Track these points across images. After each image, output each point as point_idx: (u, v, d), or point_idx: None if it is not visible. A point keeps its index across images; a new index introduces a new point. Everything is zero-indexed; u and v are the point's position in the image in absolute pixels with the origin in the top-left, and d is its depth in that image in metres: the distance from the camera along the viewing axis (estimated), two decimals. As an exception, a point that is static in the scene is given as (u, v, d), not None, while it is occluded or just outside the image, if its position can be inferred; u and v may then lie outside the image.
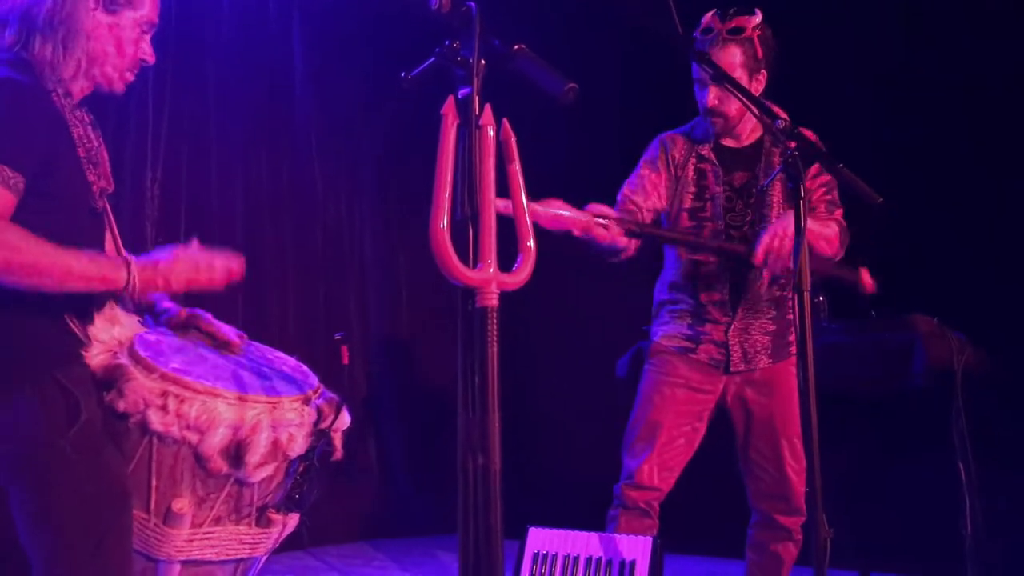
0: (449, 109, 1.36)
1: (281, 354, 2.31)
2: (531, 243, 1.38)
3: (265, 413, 1.98)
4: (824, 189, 2.84)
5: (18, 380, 1.83)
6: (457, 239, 1.30)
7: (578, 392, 5.42)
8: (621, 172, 3.01)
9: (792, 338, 2.81)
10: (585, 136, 5.42)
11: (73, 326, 1.89)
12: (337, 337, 2.11)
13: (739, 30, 2.74)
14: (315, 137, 5.68)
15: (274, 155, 5.47)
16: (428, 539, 5.71)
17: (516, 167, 1.39)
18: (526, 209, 1.38)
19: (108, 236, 2.03)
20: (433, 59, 1.42)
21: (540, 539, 2.62)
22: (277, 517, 2.09)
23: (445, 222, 1.28)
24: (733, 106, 2.77)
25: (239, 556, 2.10)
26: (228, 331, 2.20)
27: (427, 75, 1.43)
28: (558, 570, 2.56)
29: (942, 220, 4.27)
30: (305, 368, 2.28)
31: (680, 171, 2.89)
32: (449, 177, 1.29)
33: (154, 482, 1.94)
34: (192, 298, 2.32)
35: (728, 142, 2.88)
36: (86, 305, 1.92)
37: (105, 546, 1.83)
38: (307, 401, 2.09)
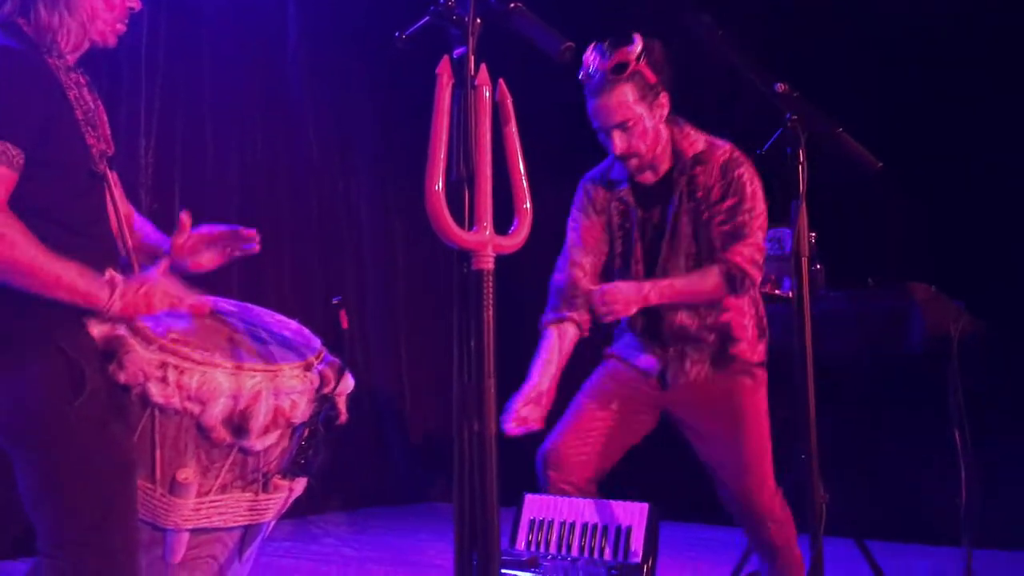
0: (444, 69, 1.34)
1: (283, 318, 2.29)
2: (527, 206, 1.36)
3: (266, 381, 1.97)
4: (723, 216, 2.63)
5: (24, 350, 1.81)
6: (453, 202, 1.29)
7: (574, 360, 5.40)
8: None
9: (736, 350, 2.69)
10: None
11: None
12: (335, 301, 2.07)
13: (622, 67, 2.55)
14: (310, 103, 5.64)
15: (269, 122, 5.43)
16: (423, 506, 5.74)
17: (512, 128, 1.37)
18: (523, 171, 1.36)
19: (109, 201, 2.01)
20: (428, 18, 1.39)
21: (536, 506, 2.61)
22: (283, 483, 2.09)
23: (440, 184, 1.26)
24: (643, 142, 2.63)
25: (247, 522, 2.10)
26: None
27: (422, 34, 1.40)
28: (554, 536, 2.56)
29: (940, 187, 4.25)
30: (307, 332, 2.26)
31: (605, 216, 2.80)
32: (444, 138, 1.27)
33: (158, 453, 1.93)
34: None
35: (646, 177, 2.73)
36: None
37: (112, 514, 1.83)
38: (309, 367, 2.08)
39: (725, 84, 4.36)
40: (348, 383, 2.14)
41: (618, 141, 2.63)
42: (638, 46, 2.57)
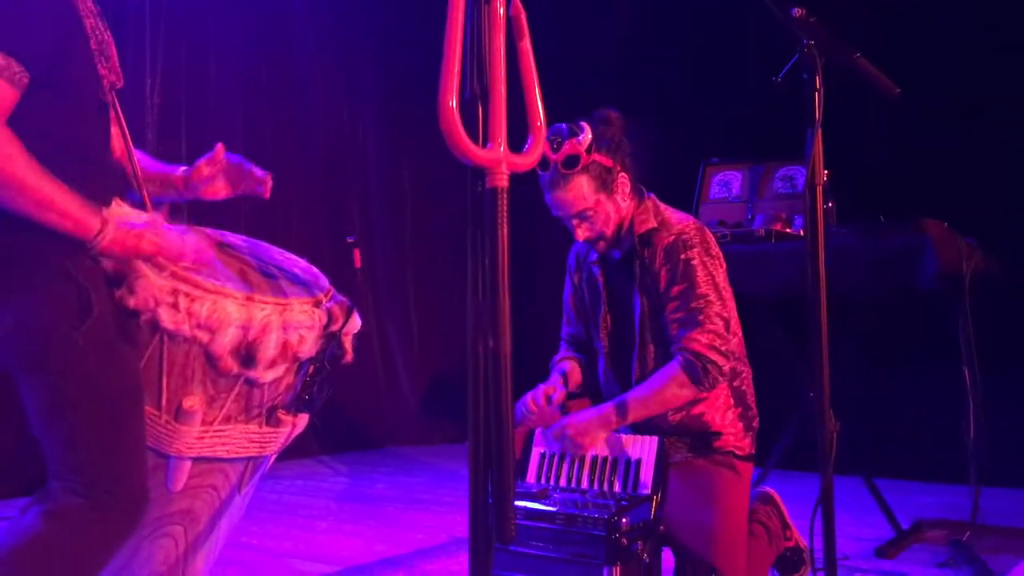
0: (457, -15, 1.31)
1: (291, 255, 2.29)
2: (541, 123, 1.34)
3: (275, 314, 1.96)
4: (675, 303, 2.48)
5: (30, 273, 1.81)
6: (466, 120, 1.27)
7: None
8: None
9: (719, 443, 2.54)
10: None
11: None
12: (349, 240, 2.08)
13: (574, 161, 2.42)
14: (315, 41, 5.58)
15: (274, 61, 5.38)
16: (433, 447, 5.79)
17: (526, 44, 1.34)
18: (537, 88, 1.34)
19: (116, 132, 1.99)
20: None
21: (546, 439, 2.63)
22: (287, 418, 2.09)
23: (454, 100, 1.24)
24: (607, 227, 2.53)
25: (249, 454, 2.11)
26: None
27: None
28: (564, 470, 2.57)
29: (955, 124, 4.20)
30: (316, 270, 2.26)
31: (580, 288, 2.73)
32: (458, 54, 1.25)
33: (165, 380, 1.93)
34: (195, 206, 2.30)
35: (613, 254, 2.62)
36: (96, 202, 1.89)
37: (120, 437, 1.84)
38: (318, 304, 2.08)
39: (740, 9, 4.29)
40: (355, 322, 2.14)
41: (580, 231, 2.54)
42: (587, 136, 2.43)
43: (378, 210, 5.93)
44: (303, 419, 2.16)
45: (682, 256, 2.50)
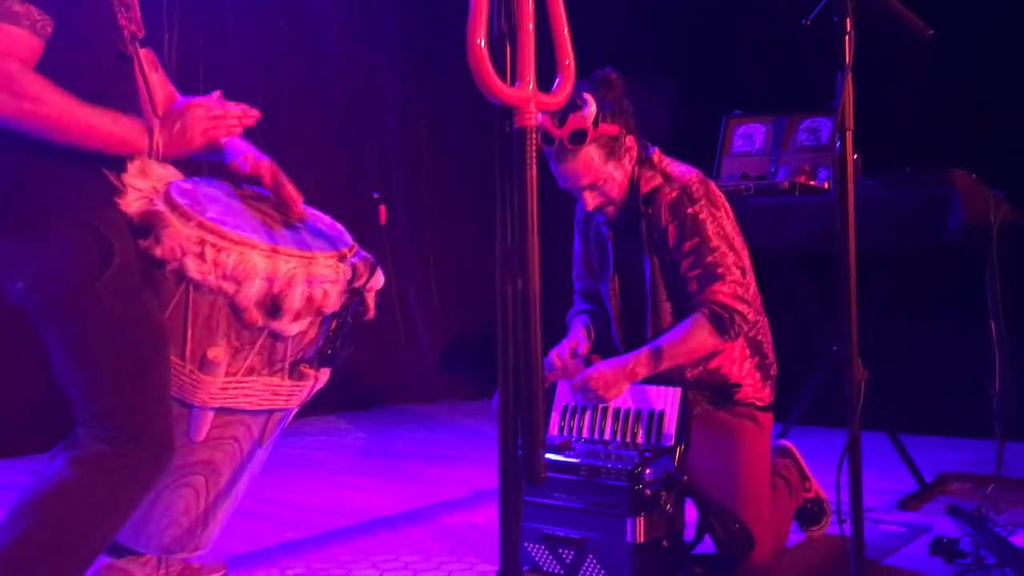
0: (482, -78, 1.28)
1: (315, 211, 2.29)
2: (569, 62, 1.32)
3: (301, 267, 1.97)
4: (690, 260, 2.47)
5: (51, 223, 1.81)
6: (494, 60, 1.24)
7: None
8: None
9: (740, 395, 2.53)
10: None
11: (107, 171, 1.86)
12: (375, 196, 2.08)
13: (580, 136, 2.38)
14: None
15: (291, 12, 5.34)
16: (453, 405, 5.81)
17: (555, -20, 1.32)
18: (565, 26, 1.31)
19: (140, 84, 1.98)
20: None
21: (569, 392, 2.63)
22: (310, 371, 2.11)
23: (483, 38, 1.22)
24: (616, 193, 2.51)
25: (271, 407, 2.13)
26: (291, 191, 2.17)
27: None
28: (587, 422, 2.58)
29: (984, 72, 4.13)
30: (340, 226, 2.26)
31: (589, 244, 2.72)
32: (485, -9, 1.22)
33: (190, 330, 1.95)
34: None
35: (620, 215, 2.60)
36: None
37: (145, 385, 1.86)
38: (342, 258, 2.08)
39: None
40: (379, 279, 2.15)
41: (589, 200, 2.51)
42: (592, 108, 2.37)
43: (397, 167, 5.91)
44: (325, 374, 2.17)
45: (688, 211, 2.48)
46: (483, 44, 1.22)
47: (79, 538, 1.83)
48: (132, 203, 1.87)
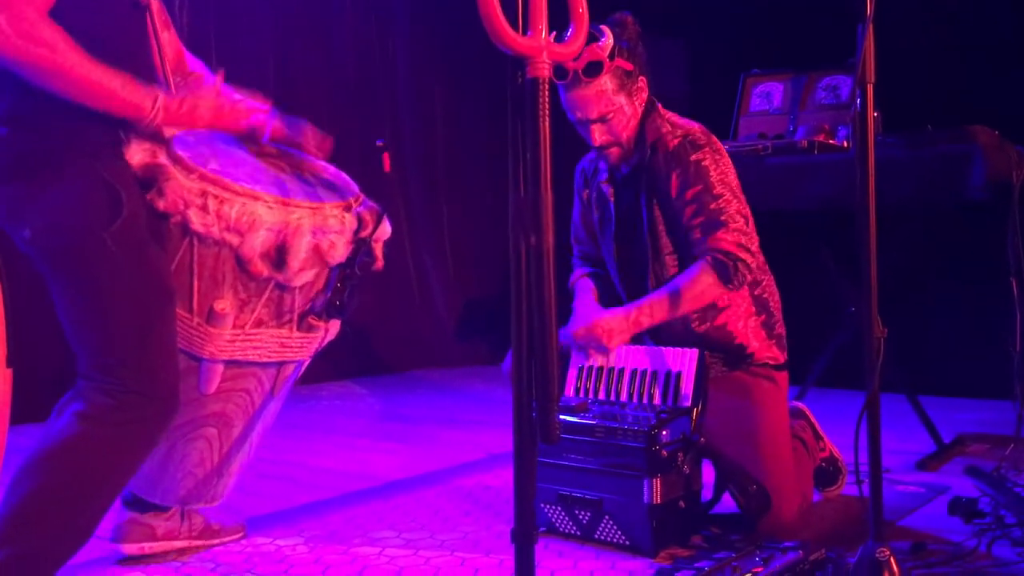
0: None
1: (322, 162, 2.27)
2: (583, 10, 1.29)
3: (306, 218, 1.95)
4: (693, 208, 2.44)
5: (60, 171, 1.81)
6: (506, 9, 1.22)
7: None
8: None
9: (749, 353, 2.53)
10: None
11: (114, 123, 1.85)
12: (379, 144, 2.04)
13: (596, 67, 2.35)
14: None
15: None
16: (468, 369, 5.82)
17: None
18: (577, -27, 1.28)
19: (151, 35, 1.96)
20: None
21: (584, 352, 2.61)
22: (318, 323, 2.10)
23: (493, -14, 1.19)
24: (624, 132, 2.47)
25: (281, 359, 2.13)
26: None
27: None
28: (603, 383, 2.56)
29: (1005, 27, 4.04)
30: (346, 176, 2.24)
31: (589, 206, 2.69)
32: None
33: (196, 283, 1.94)
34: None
35: (622, 168, 2.58)
36: None
37: (151, 337, 1.85)
38: (348, 208, 2.06)
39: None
40: (386, 229, 2.13)
41: (597, 134, 2.48)
42: (609, 40, 2.36)
43: (410, 131, 5.88)
44: (335, 325, 2.16)
45: (692, 158, 2.46)
46: (494, -8, 1.19)
47: (89, 491, 1.84)
48: (135, 155, 1.85)
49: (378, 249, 2.12)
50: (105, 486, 1.89)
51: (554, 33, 1.27)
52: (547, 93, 1.21)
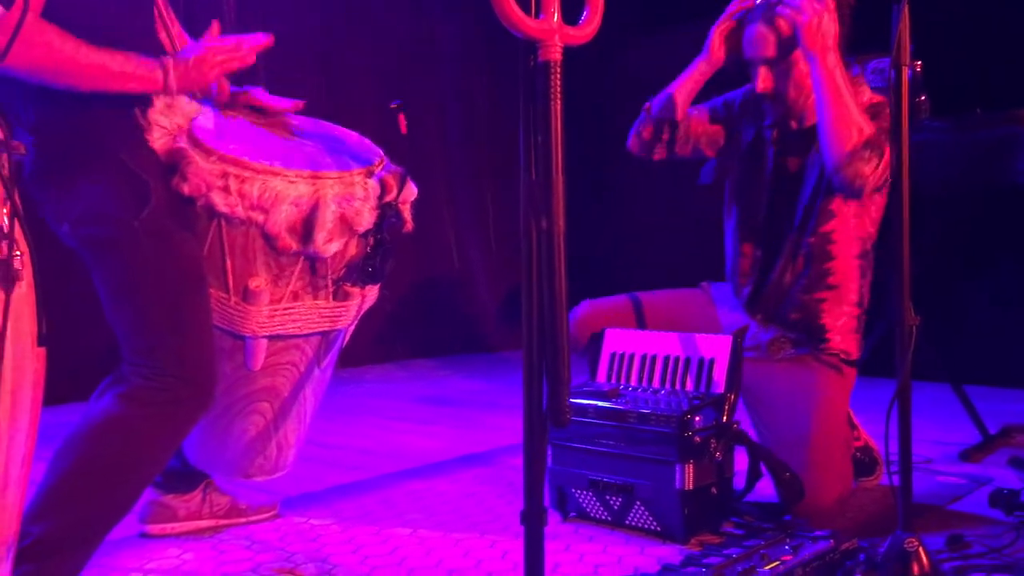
0: None
1: (343, 129, 2.29)
2: (598, -8, 1.28)
3: (328, 188, 1.97)
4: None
5: (90, 165, 1.85)
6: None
7: (661, 199, 5.34)
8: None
9: (824, 340, 2.52)
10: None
11: (138, 112, 1.88)
12: (393, 106, 2.04)
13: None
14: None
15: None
16: (511, 353, 5.83)
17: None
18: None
19: (160, 25, 1.98)
20: None
21: (617, 339, 2.61)
22: (354, 290, 2.12)
23: (504, -32, 1.19)
24: (791, 87, 2.46)
25: (321, 329, 2.15)
26: (279, 101, 2.17)
27: None
28: (635, 370, 2.55)
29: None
30: (368, 142, 2.25)
31: (738, 142, 2.64)
32: (508, -82, 1.19)
33: (229, 263, 1.98)
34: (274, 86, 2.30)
35: (790, 124, 2.56)
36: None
37: (182, 322, 1.89)
38: (370, 174, 2.07)
39: None
40: (411, 190, 2.13)
41: (760, 77, 2.47)
42: None
43: (453, 115, 5.88)
44: (372, 291, 2.18)
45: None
46: (505, -25, 1.19)
47: (126, 469, 1.89)
48: (157, 141, 1.89)
49: (406, 211, 2.12)
50: (141, 465, 1.93)
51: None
52: (559, 76, 1.20)
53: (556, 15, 1.21)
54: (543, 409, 1.21)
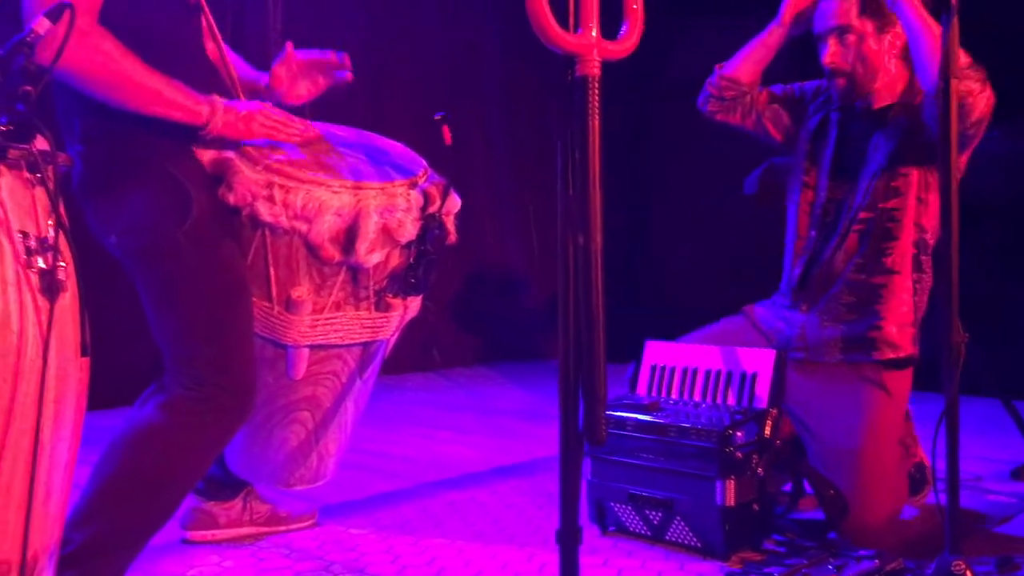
0: None
1: (387, 139, 2.30)
2: (636, 6, 1.27)
3: (371, 199, 1.97)
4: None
5: (135, 176, 1.87)
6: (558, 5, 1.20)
7: (703, 211, 5.28)
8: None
9: (878, 331, 2.44)
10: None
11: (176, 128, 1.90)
12: (437, 117, 2.04)
13: None
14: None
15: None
16: (553, 363, 5.81)
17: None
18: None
19: (207, 34, 2.01)
20: None
21: (658, 352, 2.58)
22: (396, 301, 2.12)
23: (542, -18, 1.18)
24: (858, 63, 2.44)
25: (363, 340, 2.16)
26: (324, 54, 2.21)
27: None
28: (676, 383, 2.53)
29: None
30: (413, 153, 2.25)
31: (804, 124, 2.63)
32: (547, -68, 1.18)
33: (272, 272, 1.99)
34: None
35: (858, 104, 2.53)
36: None
37: (224, 331, 1.91)
38: (413, 185, 2.07)
39: None
40: (455, 202, 2.13)
41: (829, 50, 2.46)
42: None
43: (497, 125, 5.89)
44: (415, 302, 2.18)
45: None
46: (543, -11, 1.18)
47: (166, 477, 1.91)
48: (204, 152, 1.90)
49: (449, 223, 2.12)
50: (181, 473, 1.95)
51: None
52: (597, 91, 1.19)
53: (595, 29, 1.20)
54: (579, 427, 1.20)
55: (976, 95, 2.26)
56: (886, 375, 2.45)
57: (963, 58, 2.21)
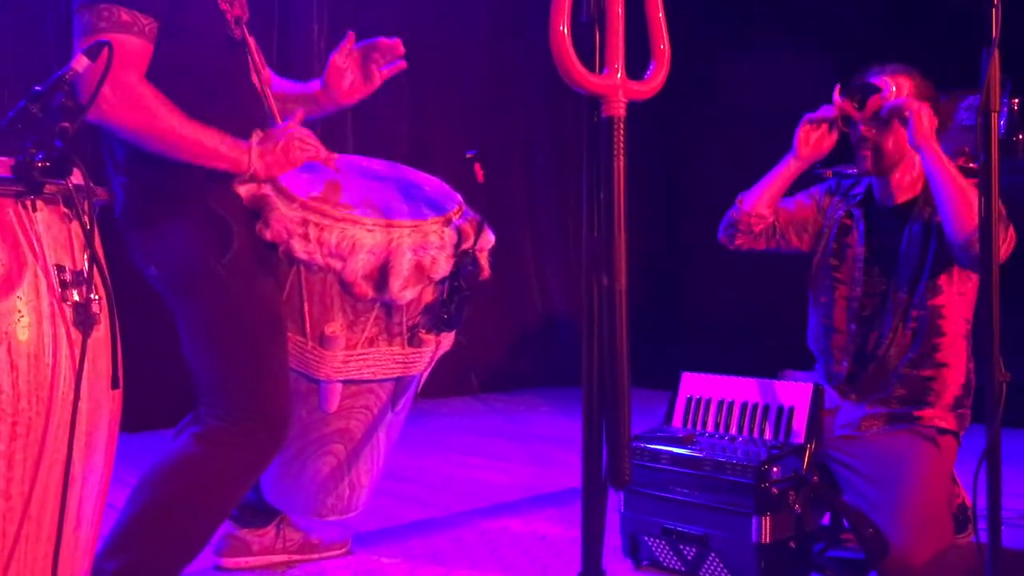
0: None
1: (422, 174, 2.31)
2: (664, 46, 1.26)
3: (405, 237, 1.98)
4: None
5: (176, 208, 1.90)
6: (583, 45, 1.20)
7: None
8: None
9: (921, 412, 2.45)
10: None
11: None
12: (469, 155, 2.05)
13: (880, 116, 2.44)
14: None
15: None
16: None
17: (647, -40, 1.26)
18: (660, 9, 1.25)
19: (251, 68, 2.04)
20: None
21: (694, 384, 2.55)
22: (429, 337, 2.13)
23: (565, 25, 1.18)
24: (890, 139, 2.46)
25: (395, 375, 2.17)
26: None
27: None
28: (711, 416, 2.49)
29: None
30: (447, 188, 2.26)
31: (826, 223, 2.65)
32: (572, -26, 1.18)
33: (307, 308, 2.01)
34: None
35: (884, 201, 2.56)
36: (238, 135, 1.95)
37: (260, 364, 1.93)
38: (448, 222, 2.08)
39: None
40: (488, 238, 2.13)
41: (865, 155, 2.50)
42: (890, 88, 2.47)
43: (539, 155, 5.90)
44: (447, 338, 2.18)
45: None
46: (566, 30, 1.18)
47: (200, 507, 1.92)
48: (242, 187, 1.93)
49: (483, 259, 2.13)
50: (215, 503, 1.97)
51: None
52: (623, 133, 1.18)
53: (620, 71, 1.20)
54: (603, 473, 1.18)
55: (1000, 242, 2.26)
56: (936, 435, 2.43)
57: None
